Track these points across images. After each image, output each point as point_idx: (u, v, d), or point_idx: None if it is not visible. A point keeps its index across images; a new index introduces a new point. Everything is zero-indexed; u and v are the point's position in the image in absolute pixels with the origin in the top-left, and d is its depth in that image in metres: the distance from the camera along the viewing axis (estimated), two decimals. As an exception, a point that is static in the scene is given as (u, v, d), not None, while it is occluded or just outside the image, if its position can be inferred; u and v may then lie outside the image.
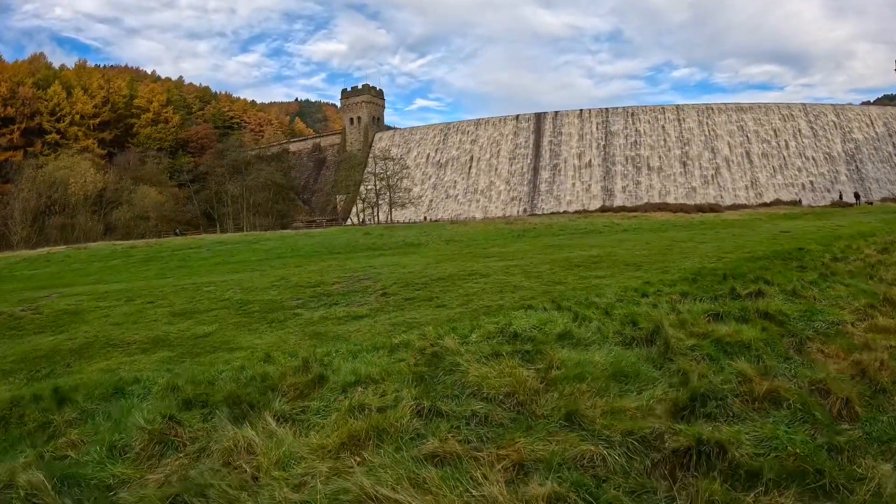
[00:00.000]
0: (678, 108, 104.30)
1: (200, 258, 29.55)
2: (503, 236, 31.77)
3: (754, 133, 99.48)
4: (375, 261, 22.63)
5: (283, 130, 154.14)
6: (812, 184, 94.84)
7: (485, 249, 24.73)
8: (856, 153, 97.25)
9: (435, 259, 21.35)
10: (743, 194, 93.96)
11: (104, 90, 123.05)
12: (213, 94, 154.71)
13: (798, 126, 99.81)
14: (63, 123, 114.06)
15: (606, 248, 22.86)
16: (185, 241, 42.54)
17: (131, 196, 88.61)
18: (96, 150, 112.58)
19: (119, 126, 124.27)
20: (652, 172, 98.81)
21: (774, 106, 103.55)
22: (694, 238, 27.63)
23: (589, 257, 19.78)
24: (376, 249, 27.98)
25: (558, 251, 22.46)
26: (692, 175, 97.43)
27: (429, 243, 29.10)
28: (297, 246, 32.02)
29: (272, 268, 22.69)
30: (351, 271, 19.07)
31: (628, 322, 8.57)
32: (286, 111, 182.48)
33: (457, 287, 14.65)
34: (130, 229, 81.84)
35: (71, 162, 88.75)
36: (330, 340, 10.42)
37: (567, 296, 13.02)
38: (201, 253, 32.19)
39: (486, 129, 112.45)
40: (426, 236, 32.98)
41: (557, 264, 18.20)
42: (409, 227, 43.15)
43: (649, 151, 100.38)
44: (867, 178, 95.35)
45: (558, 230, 34.13)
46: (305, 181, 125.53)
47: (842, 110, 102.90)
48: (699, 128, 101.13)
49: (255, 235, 44.78)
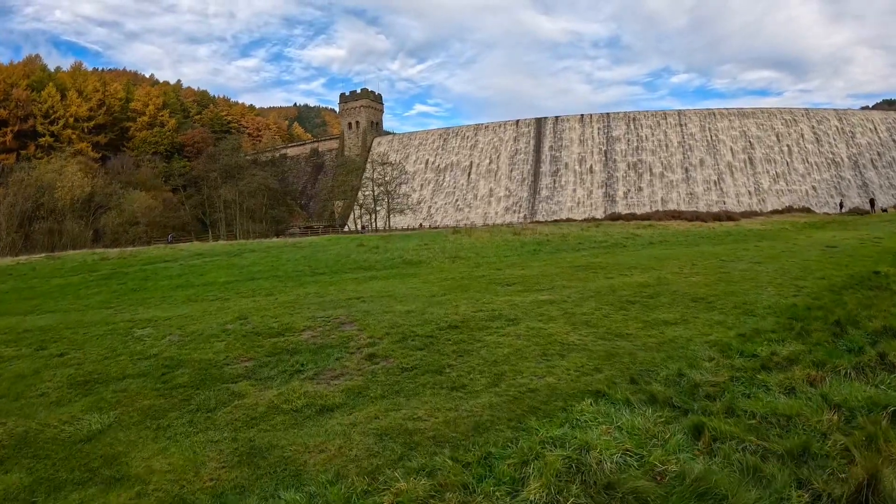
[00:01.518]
0: (680, 114, 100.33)
1: (165, 276, 24.79)
2: (515, 250, 27.08)
3: (757, 138, 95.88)
4: (365, 287, 18.01)
5: (281, 135, 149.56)
6: (815, 189, 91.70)
7: (500, 271, 20.10)
8: (859, 158, 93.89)
9: (440, 287, 16.72)
10: (746, 200, 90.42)
11: (99, 93, 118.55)
12: (212, 98, 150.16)
13: (801, 131, 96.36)
14: (57, 126, 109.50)
15: (651, 271, 18.32)
16: (162, 251, 37.81)
17: (120, 201, 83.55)
18: (90, 154, 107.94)
19: (114, 129, 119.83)
20: (654, 178, 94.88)
21: (777, 111, 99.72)
22: (738, 255, 23.19)
23: (638, 287, 15.24)
24: (368, 269, 23.21)
25: (593, 275, 17.85)
26: (694, 181, 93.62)
27: (430, 260, 24.36)
28: (280, 262, 27.28)
29: (238, 295, 18.01)
30: (332, 306, 14.44)
31: (791, 442, 5.26)
32: (285, 116, 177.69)
33: (477, 343, 10.03)
34: (119, 235, 76.95)
35: (59, 165, 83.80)
36: (268, 475, 5.83)
37: (645, 363, 8.74)
38: (171, 269, 27.44)
39: (486, 135, 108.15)
40: (427, 249, 28.23)
41: (604, 299, 13.66)
42: (408, 237, 38.44)
43: (651, 157, 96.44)
44: (871, 183, 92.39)
45: (576, 243, 29.50)
46: (303, 186, 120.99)
47: (844, 115, 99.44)
48: (701, 133, 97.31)
49: (240, 245, 40.05)
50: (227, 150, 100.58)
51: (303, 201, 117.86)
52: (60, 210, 77.25)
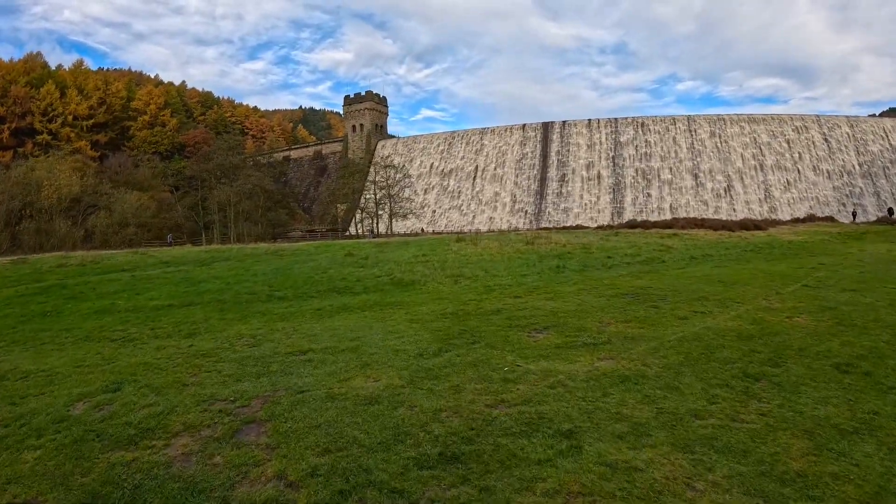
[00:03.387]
0: (689, 119, 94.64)
1: (98, 294, 19.22)
2: (532, 266, 21.21)
3: (767, 145, 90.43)
4: (327, 326, 12.50)
5: (285, 137, 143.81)
6: (827, 197, 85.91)
7: (519, 299, 14.38)
8: (871, 166, 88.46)
9: (434, 333, 11.14)
10: (757, 208, 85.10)
11: (100, 91, 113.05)
12: (216, 100, 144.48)
13: (812, 138, 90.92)
14: (55, 124, 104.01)
15: (731, 306, 12.85)
16: (128, 258, 32.35)
17: (110, 201, 77.55)
18: (88, 153, 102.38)
19: (115, 128, 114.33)
20: (663, 185, 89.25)
21: (788, 117, 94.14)
22: (814, 277, 17.73)
23: (737, 339, 9.86)
24: (344, 291, 17.44)
25: (655, 313, 12.24)
26: (704, 188, 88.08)
27: (427, 279, 18.52)
28: (244, 276, 21.61)
29: (151, 333, 12.39)
30: (256, 371, 8.96)
31: None
32: (290, 118, 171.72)
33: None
34: (109, 237, 71.24)
35: (49, 163, 77.95)
36: None
37: None
38: (115, 283, 21.85)
39: (492, 139, 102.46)
40: (424, 264, 22.40)
41: (703, 369, 8.24)
42: (406, 245, 32.83)
43: (660, 163, 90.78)
44: (883, 191, 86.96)
45: (603, 256, 23.74)
46: (306, 189, 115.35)
47: (856, 122, 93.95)
48: (711, 139, 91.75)
49: (215, 253, 34.48)
50: (221, 148, 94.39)
51: (305, 204, 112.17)
52: (48, 210, 71.49)
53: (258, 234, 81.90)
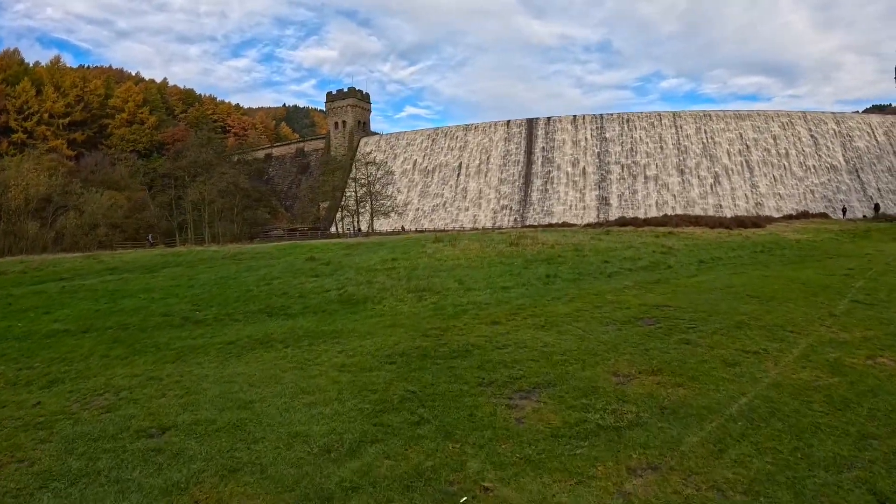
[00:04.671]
0: (675, 115, 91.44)
1: (13, 311, 15.51)
2: (517, 275, 17.31)
3: (753, 141, 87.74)
4: (226, 375, 8.94)
5: (267, 135, 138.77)
6: (813, 193, 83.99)
7: (497, 329, 10.51)
8: (858, 162, 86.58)
9: (361, 400, 7.39)
10: (743, 204, 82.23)
11: (78, 89, 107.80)
12: (197, 97, 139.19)
13: (798, 134, 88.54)
14: (31, 122, 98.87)
15: (781, 334, 9.30)
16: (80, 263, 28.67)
17: (80, 201, 72.70)
18: (64, 151, 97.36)
19: (93, 126, 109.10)
20: (649, 181, 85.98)
21: (774, 113, 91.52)
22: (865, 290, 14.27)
23: (827, 404, 6.07)
24: (277, 314, 13.49)
25: (692, 356, 8.54)
26: (690, 184, 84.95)
27: (383, 297, 14.57)
28: (172, 292, 17.70)
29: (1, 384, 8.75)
30: (47, 497, 5.14)
31: None
32: (273, 116, 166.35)
33: None
34: (78, 238, 66.63)
35: (17, 162, 73.00)
36: None
37: None
38: (41, 295, 18.05)
39: (476, 135, 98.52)
40: (388, 273, 18.46)
41: (810, 479, 4.37)
42: (380, 246, 29.07)
43: (646, 159, 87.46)
44: (869, 187, 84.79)
45: (599, 261, 19.92)
46: (288, 187, 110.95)
47: (842, 118, 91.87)
48: (696, 135, 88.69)
49: (169, 257, 30.59)
50: (194, 145, 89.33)
51: (287, 202, 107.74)
52: (16, 211, 66.73)
53: (235, 233, 77.47)
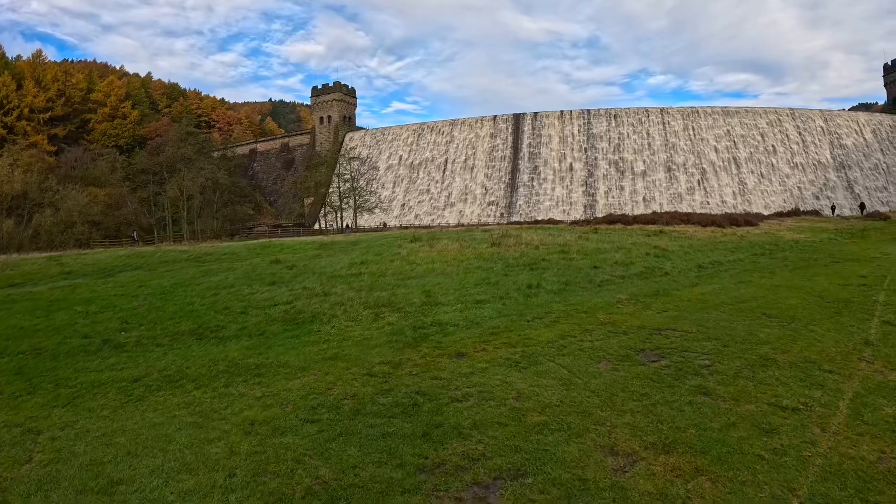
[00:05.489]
0: (662, 111, 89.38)
1: None
2: (494, 284, 15.02)
3: (741, 137, 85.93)
4: (99, 434, 6.71)
5: (252, 130, 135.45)
6: (801, 191, 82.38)
7: (459, 365, 8.22)
8: (845, 160, 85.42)
9: (248, 493, 4.95)
10: (731, 201, 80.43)
11: (60, 83, 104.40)
12: (182, 91, 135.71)
13: (786, 131, 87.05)
14: (10, 117, 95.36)
15: (834, 381, 7.10)
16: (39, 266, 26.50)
17: (56, 198, 69.64)
18: (45, 147, 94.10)
19: (74, 121, 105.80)
20: (636, 177, 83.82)
21: (762, 110, 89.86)
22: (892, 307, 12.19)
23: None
24: (206, 336, 11.24)
25: (714, 414, 6.32)
26: (677, 180, 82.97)
27: (333, 315, 12.28)
28: (112, 302, 15.50)
29: None
30: None
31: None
32: (259, 111, 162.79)
33: None
34: (54, 237, 63.59)
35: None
36: None
37: None
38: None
39: (462, 130, 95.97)
40: (349, 282, 16.15)
41: None
42: (350, 248, 26.83)
43: (633, 155, 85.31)
44: (857, 185, 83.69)
45: (586, 265, 17.70)
46: (273, 182, 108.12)
47: (830, 116, 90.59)
48: (684, 131, 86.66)
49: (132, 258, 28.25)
50: (173, 140, 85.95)
51: (272, 198, 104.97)
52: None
53: (215, 230, 74.74)
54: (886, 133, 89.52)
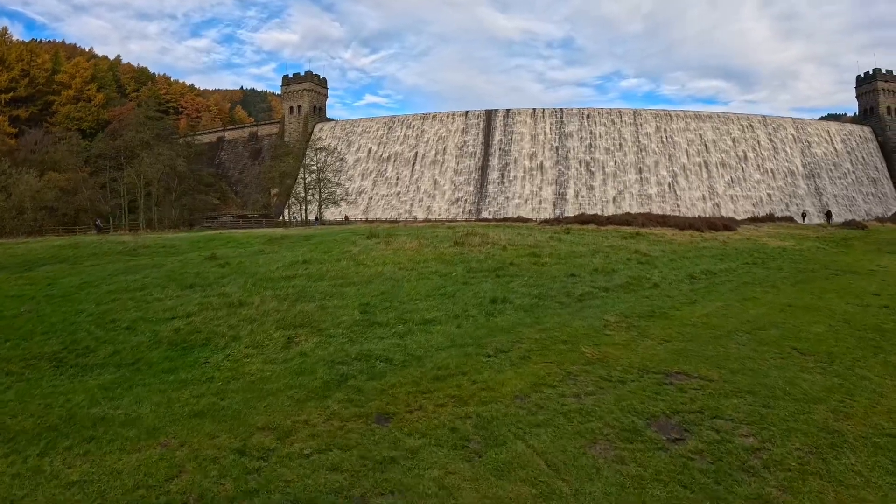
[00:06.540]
0: (635, 113, 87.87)
1: None
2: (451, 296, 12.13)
3: (712, 142, 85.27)
4: None
5: (222, 118, 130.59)
6: (770, 197, 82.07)
7: (373, 443, 5.53)
8: (815, 168, 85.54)
9: None
10: (700, 205, 79.33)
11: (24, 62, 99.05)
12: (151, 76, 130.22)
13: (757, 137, 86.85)
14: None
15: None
16: None
17: (7, 182, 65.00)
18: (6, 129, 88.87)
19: (38, 103, 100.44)
20: (607, 178, 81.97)
21: (734, 116, 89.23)
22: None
23: None
24: (67, 364, 8.36)
25: None
26: (648, 182, 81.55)
27: (235, 338, 9.45)
28: (1, 313, 12.28)
29: None
30: None
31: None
32: (230, 98, 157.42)
33: None
34: (5, 223, 59.47)
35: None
36: None
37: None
38: None
39: (434, 125, 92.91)
40: (277, 289, 13.14)
41: None
42: (299, 243, 23.87)
43: (604, 156, 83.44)
44: (825, 193, 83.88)
45: (561, 273, 14.92)
46: (240, 172, 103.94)
47: (801, 124, 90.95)
48: (656, 134, 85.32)
49: (64, 249, 25.15)
50: (132, 124, 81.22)
51: (238, 188, 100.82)
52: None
53: (174, 219, 70.59)
54: (856, 143, 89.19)
